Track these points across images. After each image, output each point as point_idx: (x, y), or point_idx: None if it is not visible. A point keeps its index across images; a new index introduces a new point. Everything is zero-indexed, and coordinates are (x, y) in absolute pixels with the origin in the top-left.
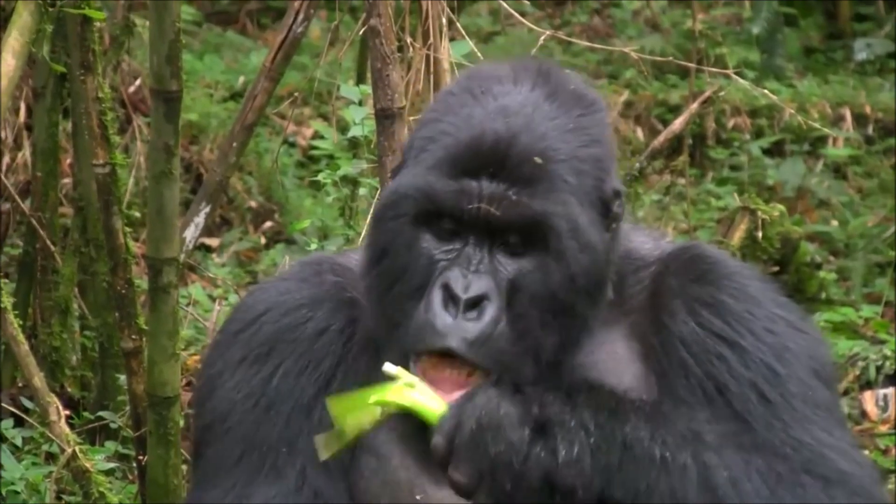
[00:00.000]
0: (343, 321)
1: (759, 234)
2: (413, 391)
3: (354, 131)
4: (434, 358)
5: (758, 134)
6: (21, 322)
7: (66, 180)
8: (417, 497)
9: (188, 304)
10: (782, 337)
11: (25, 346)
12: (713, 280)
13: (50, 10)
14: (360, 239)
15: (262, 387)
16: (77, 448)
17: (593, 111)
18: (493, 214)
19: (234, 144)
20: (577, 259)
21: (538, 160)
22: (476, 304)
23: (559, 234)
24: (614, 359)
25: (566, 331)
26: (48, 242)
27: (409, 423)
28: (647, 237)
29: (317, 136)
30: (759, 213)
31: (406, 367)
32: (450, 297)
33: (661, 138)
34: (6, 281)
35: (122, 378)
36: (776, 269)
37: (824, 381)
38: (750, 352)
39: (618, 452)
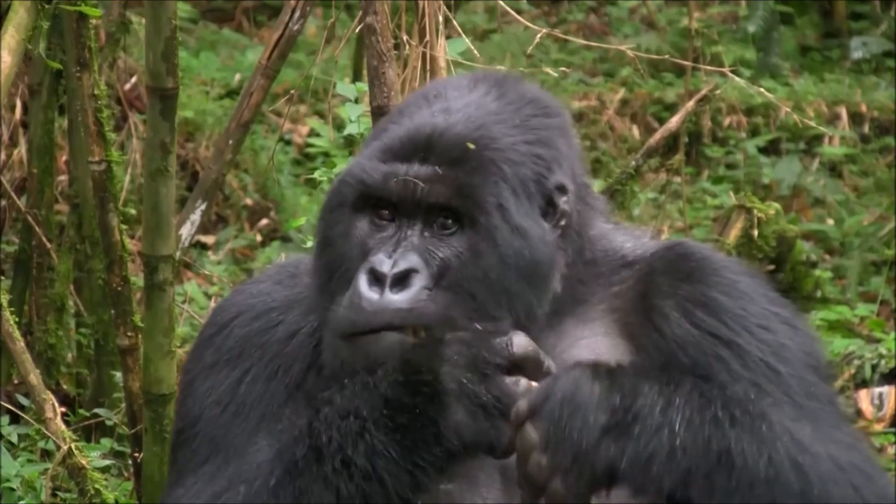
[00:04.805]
0: (315, 323)
1: (755, 233)
2: None
3: (350, 129)
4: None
5: (754, 132)
6: (17, 319)
7: (62, 177)
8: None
9: (184, 302)
10: (778, 334)
11: (21, 343)
12: (702, 277)
13: (46, 7)
14: None
15: (230, 391)
16: (73, 445)
17: (547, 115)
18: (420, 189)
19: (230, 142)
20: (507, 240)
21: (471, 145)
22: (403, 279)
23: (486, 211)
24: (596, 355)
25: (506, 312)
26: (44, 239)
27: None
28: (627, 236)
29: (313, 133)
30: (755, 211)
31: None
32: (375, 278)
33: (657, 136)
34: (2, 278)
35: (118, 375)
36: (772, 267)
37: (822, 377)
38: (748, 351)
39: (711, 461)
